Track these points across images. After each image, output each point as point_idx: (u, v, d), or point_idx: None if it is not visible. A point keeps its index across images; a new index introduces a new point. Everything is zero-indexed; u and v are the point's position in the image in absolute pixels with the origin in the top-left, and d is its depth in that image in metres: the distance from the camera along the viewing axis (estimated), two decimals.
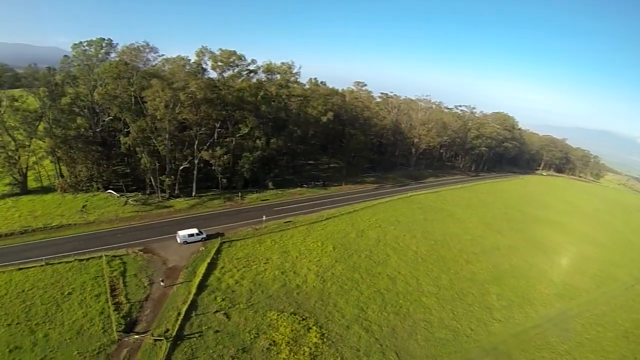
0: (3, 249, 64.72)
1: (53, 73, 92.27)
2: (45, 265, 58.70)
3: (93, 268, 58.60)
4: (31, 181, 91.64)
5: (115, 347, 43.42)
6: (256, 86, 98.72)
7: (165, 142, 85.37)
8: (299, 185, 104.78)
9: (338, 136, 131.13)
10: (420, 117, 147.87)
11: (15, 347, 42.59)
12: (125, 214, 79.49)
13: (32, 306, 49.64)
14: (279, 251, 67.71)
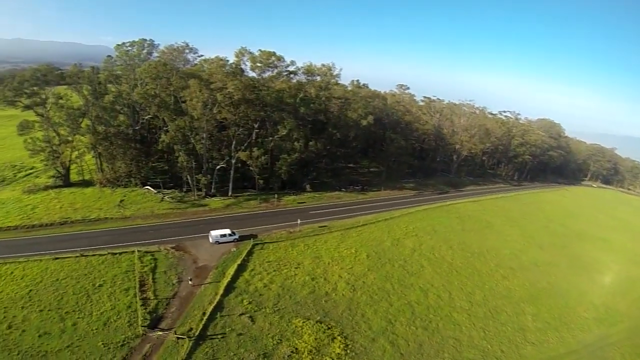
0: (42, 238, 70.58)
1: (97, 72, 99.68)
2: (80, 256, 62.79)
3: (125, 262, 62.12)
4: (74, 174, 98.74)
5: (139, 341, 45.49)
6: (296, 87, 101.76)
7: (203, 142, 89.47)
8: (337, 188, 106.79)
9: (378, 140, 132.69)
10: (463, 122, 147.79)
11: (44, 333, 46.14)
12: (161, 210, 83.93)
13: (64, 295, 53.44)
14: (311, 256, 68.64)
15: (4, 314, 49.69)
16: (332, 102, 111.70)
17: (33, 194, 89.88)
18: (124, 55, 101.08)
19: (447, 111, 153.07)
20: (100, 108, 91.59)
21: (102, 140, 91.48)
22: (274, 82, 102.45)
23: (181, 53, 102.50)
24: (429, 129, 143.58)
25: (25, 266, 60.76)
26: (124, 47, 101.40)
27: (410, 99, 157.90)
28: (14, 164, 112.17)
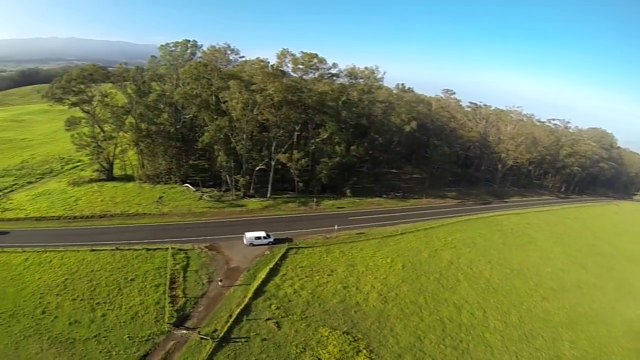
0: (82, 230, 76.17)
1: (141, 71, 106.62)
2: (116, 250, 66.85)
3: (158, 259, 65.33)
4: (117, 169, 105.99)
5: (163, 337, 47.59)
6: (339, 90, 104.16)
7: (243, 142, 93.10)
8: (377, 194, 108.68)
9: (422, 146, 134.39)
10: (509, 130, 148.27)
11: (75, 321, 49.69)
12: (199, 209, 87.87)
13: (97, 286, 57.09)
14: (345, 264, 69.58)
15: (40, 299, 54.15)
16: (375, 106, 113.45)
17: (77, 186, 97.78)
18: (168, 55, 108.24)
19: (494, 118, 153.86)
20: (143, 106, 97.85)
21: (144, 137, 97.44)
22: (316, 84, 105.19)
23: (223, 54, 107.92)
24: (474, 136, 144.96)
25: (63, 255, 65.80)
26: (168, 47, 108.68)
27: (456, 104, 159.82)
28: (63, 157, 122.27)
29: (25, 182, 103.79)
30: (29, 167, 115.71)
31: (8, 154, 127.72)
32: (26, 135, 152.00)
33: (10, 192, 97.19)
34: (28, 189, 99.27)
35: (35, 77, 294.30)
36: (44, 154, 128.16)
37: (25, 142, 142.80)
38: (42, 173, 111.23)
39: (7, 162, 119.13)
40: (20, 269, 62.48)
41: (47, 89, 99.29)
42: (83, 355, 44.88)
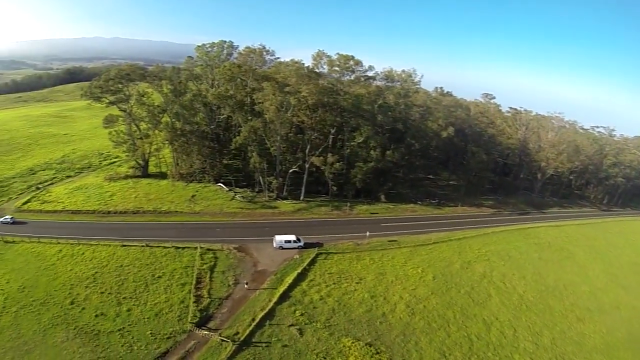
0: (115, 225, 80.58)
1: (178, 71, 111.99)
2: (146, 246, 70.09)
3: (186, 257, 67.89)
4: (152, 167, 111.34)
5: (184, 336, 49.44)
6: (375, 93, 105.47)
7: (277, 144, 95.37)
8: (412, 201, 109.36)
9: (459, 152, 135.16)
10: (550, 137, 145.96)
11: (101, 314, 52.85)
12: (230, 209, 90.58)
13: (125, 281, 60.25)
14: (375, 272, 69.94)
15: (70, 290, 57.94)
16: (412, 110, 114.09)
17: (113, 182, 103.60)
18: (204, 55, 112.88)
19: (534, 124, 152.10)
20: (179, 106, 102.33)
21: (179, 136, 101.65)
22: (352, 87, 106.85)
23: (258, 55, 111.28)
24: (514, 143, 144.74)
25: (95, 249, 69.93)
26: (204, 48, 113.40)
27: (495, 109, 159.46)
28: (101, 152, 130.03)
29: (65, 176, 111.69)
30: (69, 161, 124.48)
31: (51, 149, 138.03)
32: (68, 131, 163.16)
33: (50, 184, 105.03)
34: (67, 182, 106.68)
35: (80, 75, 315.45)
36: (84, 149, 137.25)
37: (67, 137, 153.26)
38: (81, 168, 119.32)
39: (49, 156, 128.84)
40: (54, 259, 67.19)
41: (86, 87, 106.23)
42: (106, 347, 47.46)
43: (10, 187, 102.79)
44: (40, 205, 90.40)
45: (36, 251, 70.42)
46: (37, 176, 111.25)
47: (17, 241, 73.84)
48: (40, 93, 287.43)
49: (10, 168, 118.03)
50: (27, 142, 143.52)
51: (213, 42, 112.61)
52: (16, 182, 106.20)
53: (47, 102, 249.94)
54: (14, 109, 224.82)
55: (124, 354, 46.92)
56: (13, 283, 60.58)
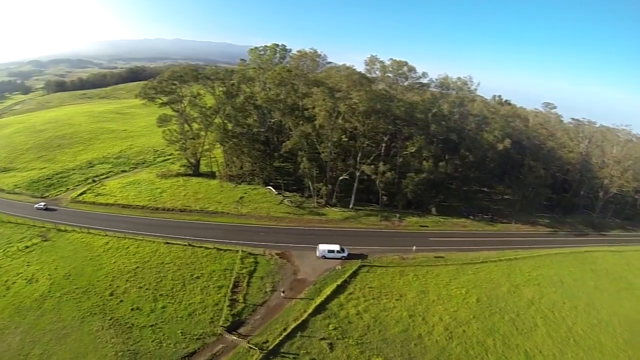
0: (162, 222, 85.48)
1: (230, 74, 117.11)
2: (188, 245, 73.75)
3: (226, 260, 70.59)
4: (203, 166, 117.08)
5: (214, 339, 51.53)
6: (429, 101, 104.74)
7: (328, 150, 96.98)
8: (464, 215, 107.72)
9: (516, 166, 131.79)
10: (615, 152, 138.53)
11: (137, 308, 56.64)
12: (277, 213, 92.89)
13: (164, 278, 63.90)
14: (417, 289, 69.14)
15: (111, 282, 62.72)
16: (467, 120, 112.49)
17: (165, 179, 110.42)
18: (257, 58, 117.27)
19: (598, 137, 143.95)
20: (231, 108, 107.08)
21: (229, 138, 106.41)
22: (406, 94, 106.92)
23: (310, 59, 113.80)
24: (574, 158, 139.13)
25: (140, 244, 74.76)
26: (257, 51, 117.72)
27: (556, 120, 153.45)
28: (156, 149, 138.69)
29: (120, 171, 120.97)
30: (126, 156, 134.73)
31: (109, 143, 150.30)
32: (127, 127, 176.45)
33: (106, 178, 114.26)
34: (121, 177, 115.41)
35: (142, 74, 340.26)
36: (141, 145, 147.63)
37: (126, 133, 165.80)
38: (135, 163, 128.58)
39: (107, 151, 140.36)
40: (100, 251, 72.93)
41: (140, 88, 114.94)
42: (137, 341, 50.83)
43: (69, 179, 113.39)
44: (94, 198, 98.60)
45: (85, 241, 76.95)
46: (94, 169, 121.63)
47: (69, 230, 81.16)
48: (104, 90, 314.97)
49: (71, 160, 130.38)
50: (88, 137, 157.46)
51: (266, 45, 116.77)
52: (75, 174, 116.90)
53: (110, 99, 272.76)
54: (79, 105, 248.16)
55: (153, 349, 49.81)
56: (60, 270, 66.68)
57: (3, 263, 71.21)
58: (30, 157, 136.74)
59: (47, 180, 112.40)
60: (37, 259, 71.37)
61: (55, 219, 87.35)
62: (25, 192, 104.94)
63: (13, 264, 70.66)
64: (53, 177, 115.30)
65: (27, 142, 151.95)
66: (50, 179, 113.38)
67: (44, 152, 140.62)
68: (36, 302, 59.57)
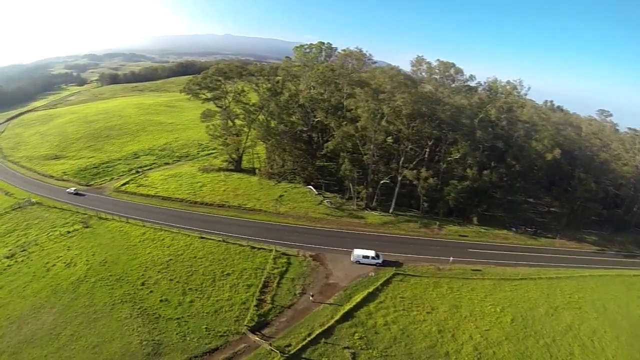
0: (199, 216, 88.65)
1: (275, 71, 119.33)
2: (222, 241, 75.98)
3: (259, 259, 72.10)
4: (245, 162, 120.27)
5: (237, 338, 52.96)
6: (477, 106, 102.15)
7: (370, 152, 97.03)
8: (506, 226, 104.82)
9: (565, 177, 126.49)
10: None
11: (165, 300, 59.30)
12: (316, 214, 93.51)
13: (195, 273, 66.31)
14: (450, 303, 67.67)
15: (144, 272, 66.02)
16: (516, 126, 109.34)
17: (206, 173, 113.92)
18: (302, 56, 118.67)
19: None
20: (275, 105, 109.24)
21: (271, 135, 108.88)
22: (452, 97, 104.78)
23: (355, 58, 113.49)
24: (629, 171, 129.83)
25: (175, 237, 77.86)
26: (302, 49, 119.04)
27: (611, 129, 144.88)
28: (201, 143, 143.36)
29: (163, 163, 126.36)
30: (170, 149, 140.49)
31: (156, 135, 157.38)
32: (174, 120, 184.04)
33: (149, 169, 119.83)
34: (164, 169, 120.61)
35: (192, 69, 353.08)
36: (186, 138, 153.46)
37: (173, 126, 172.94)
38: (179, 156, 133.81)
39: (153, 143, 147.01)
40: (137, 241, 76.65)
41: (185, 83, 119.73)
42: (162, 332, 53.35)
43: (114, 169, 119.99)
44: (136, 188, 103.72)
45: (123, 230, 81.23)
46: (139, 160, 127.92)
47: (109, 219, 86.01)
48: (155, 83, 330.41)
49: (118, 151, 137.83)
50: (136, 128, 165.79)
51: (311, 43, 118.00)
52: (120, 164, 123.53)
53: (160, 92, 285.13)
54: (130, 97, 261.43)
55: (176, 342, 51.97)
56: (97, 256, 71.05)
57: (46, 246, 76.77)
58: (80, 146, 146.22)
59: (94, 169, 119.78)
60: (77, 244, 76.30)
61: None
62: (72, 179, 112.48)
63: (55, 247, 75.97)
64: (99, 166, 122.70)
65: (78, 132, 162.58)
66: (96, 168, 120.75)
67: (93, 141, 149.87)
68: (72, 285, 63.98)
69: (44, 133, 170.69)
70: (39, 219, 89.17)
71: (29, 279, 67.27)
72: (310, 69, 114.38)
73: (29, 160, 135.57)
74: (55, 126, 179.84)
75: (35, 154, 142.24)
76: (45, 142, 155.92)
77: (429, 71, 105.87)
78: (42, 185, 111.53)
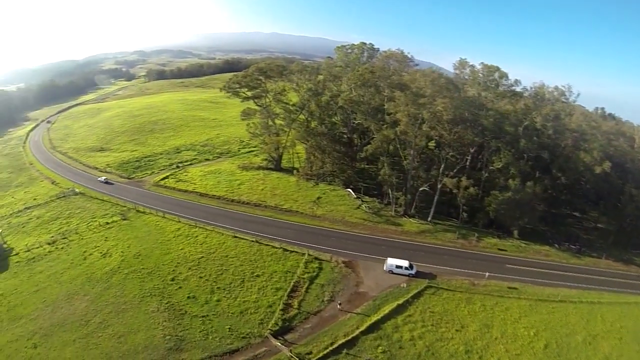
0: (234, 214, 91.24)
1: (317, 71, 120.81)
2: (255, 242, 77.85)
3: (290, 262, 73.27)
4: (285, 162, 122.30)
5: (258, 341, 54.18)
6: (522, 112, 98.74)
7: (410, 158, 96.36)
8: (548, 242, 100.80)
9: (614, 192, 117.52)
10: None
11: (193, 297, 61.79)
12: (353, 218, 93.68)
13: (225, 272, 68.48)
14: (481, 322, 65.82)
15: (175, 267, 68.99)
16: (563, 135, 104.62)
17: (245, 171, 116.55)
18: (344, 57, 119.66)
19: None
20: (315, 106, 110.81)
21: (311, 136, 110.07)
22: (496, 103, 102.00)
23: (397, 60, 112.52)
24: None
25: (208, 234, 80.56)
26: (344, 49, 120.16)
27: None
28: (242, 140, 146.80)
29: (204, 159, 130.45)
30: (212, 145, 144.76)
31: (198, 131, 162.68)
32: (217, 116, 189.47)
33: (189, 165, 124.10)
34: (204, 165, 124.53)
35: (237, 66, 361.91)
36: (227, 135, 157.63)
37: (215, 122, 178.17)
38: (220, 152, 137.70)
39: (195, 138, 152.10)
40: (171, 236, 79.91)
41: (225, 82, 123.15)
42: (186, 328, 55.75)
43: (155, 163, 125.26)
44: (175, 183, 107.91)
45: (159, 225, 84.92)
46: (180, 155, 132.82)
47: (147, 212, 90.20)
48: (200, 80, 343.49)
49: (160, 145, 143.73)
50: (179, 124, 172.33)
51: (353, 44, 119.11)
52: (162, 159, 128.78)
53: (205, 88, 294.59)
54: (175, 93, 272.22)
55: (198, 339, 54.08)
56: (132, 249, 75.00)
57: (85, 235, 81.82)
58: (124, 139, 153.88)
59: (136, 163, 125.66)
60: (114, 236, 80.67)
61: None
62: (114, 171, 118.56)
63: (93, 237, 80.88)
64: (141, 159, 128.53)
65: (123, 125, 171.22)
66: (138, 162, 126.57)
67: (137, 135, 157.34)
68: (106, 275, 68.16)
69: (92, 126, 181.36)
70: (81, 208, 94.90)
71: (67, 265, 72.34)
72: (351, 70, 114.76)
73: (75, 152, 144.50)
74: (102, 119, 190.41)
75: (82, 146, 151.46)
76: (92, 135, 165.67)
77: (472, 75, 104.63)
78: (86, 177, 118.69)
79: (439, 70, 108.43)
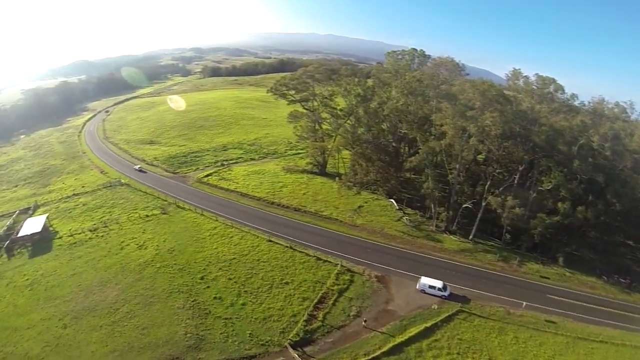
0: (272, 217, 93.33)
1: (366, 76, 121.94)
2: (289, 248, 79.28)
3: (322, 272, 73.93)
4: (330, 167, 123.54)
5: (277, 350, 55.35)
6: (578, 130, 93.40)
7: (456, 172, 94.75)
8: (596, 272, 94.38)
9: None
10: None
11: (219, 297, 64.22)
12: (392, 230, 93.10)
13: (254, 276, 70.39)
14: (511, 356, 63.02)
15: (206, 266, 71.76)
16: (622, 157, 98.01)
17: (289, 173, 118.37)
18: (394, 63, 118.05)
19: None
20: (363, 112, 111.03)
21: (356, 143, 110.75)
22: (549, 118, 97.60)
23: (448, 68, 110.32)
24: None
25: (243, 236, 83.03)
26: (394, 55, 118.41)
27: None
28: (290, 141, 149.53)
29: (249, 158, 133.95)
30: (259, 144, 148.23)
31: (248, 130, 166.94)
32: (267, 116, 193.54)
33: (235, 163, 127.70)
34: (249, 164, 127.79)
35: (292, 66, 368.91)
36: (276, 135, 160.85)
37: (265, 122, 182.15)
38: (266, 152, 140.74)
39: (243, 137, 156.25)
40: (206, 234, 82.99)
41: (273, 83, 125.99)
42: (207, 328, 58.16)
43: (202, 159, 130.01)
44: (217, 181, 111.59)
45: (197, 222, 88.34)
46: (227, 153, 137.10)
47: (186, 208, 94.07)
48: (254, 78, 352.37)
49: (208, 141, 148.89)
50: (229, 121, 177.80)
51: (404, 49, 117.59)
52: (208, 155, 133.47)
53: (258, 87, 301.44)
54: (228, 90, 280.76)
55: (218, 341, 56.30)
56: (167, 243, 78.84)
57: (125, 225, 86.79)
58: (174, 134, 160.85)
59: (183, 158, 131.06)
60: (152, 229, 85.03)
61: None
62: (161, 165, 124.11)
63: (132, 228, 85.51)
64: (188, 155, 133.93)
65: (174, 120, 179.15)
66: (185, 157, 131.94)
67: (186, 130, 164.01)
68: (139, 267, 72.27)
69: (144, 119, 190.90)
70: (125, 199, 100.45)
71: (104, 253, 77.36)
72: (401, 77, 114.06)
73: (126, 143, 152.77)
74: (155, 113, 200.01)
75: (133, 138, 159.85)
76: (143, 128, 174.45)
77: (526, 87, 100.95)
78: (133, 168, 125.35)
79: (491, 80, 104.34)
